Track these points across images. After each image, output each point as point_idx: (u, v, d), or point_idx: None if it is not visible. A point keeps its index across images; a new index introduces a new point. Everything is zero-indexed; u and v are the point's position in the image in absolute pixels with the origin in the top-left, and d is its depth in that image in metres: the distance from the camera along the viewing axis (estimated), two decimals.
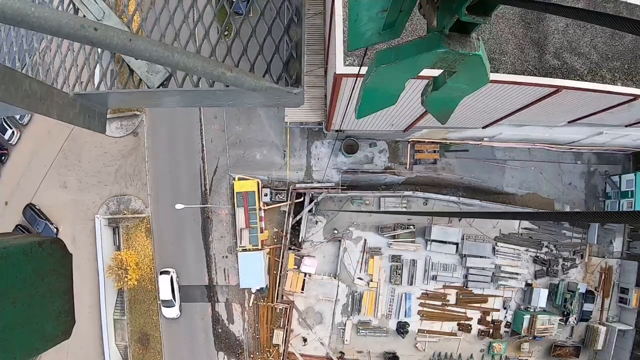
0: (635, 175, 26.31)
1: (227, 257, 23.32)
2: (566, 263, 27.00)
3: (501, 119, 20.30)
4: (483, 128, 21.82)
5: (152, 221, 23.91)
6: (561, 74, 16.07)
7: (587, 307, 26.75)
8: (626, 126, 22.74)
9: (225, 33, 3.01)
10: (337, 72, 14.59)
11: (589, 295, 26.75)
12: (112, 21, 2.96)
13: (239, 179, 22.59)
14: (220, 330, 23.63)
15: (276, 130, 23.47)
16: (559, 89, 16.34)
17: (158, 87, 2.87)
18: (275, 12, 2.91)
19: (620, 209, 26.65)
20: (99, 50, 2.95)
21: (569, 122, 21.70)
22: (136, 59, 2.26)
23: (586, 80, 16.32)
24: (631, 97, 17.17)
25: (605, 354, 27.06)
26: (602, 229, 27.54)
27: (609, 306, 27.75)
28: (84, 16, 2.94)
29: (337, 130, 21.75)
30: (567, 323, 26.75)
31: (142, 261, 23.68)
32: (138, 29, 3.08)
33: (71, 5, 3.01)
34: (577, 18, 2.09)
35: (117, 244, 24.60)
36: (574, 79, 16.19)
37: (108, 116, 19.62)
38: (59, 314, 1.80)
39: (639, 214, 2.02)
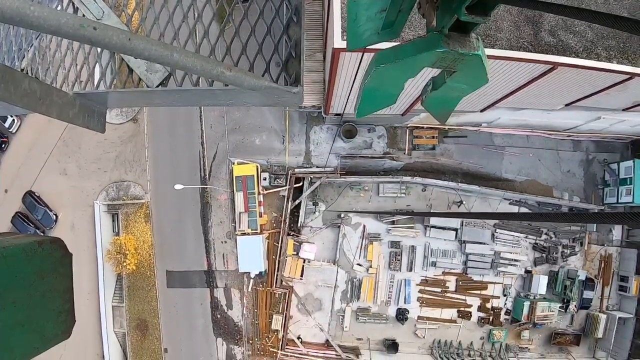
0: (634, 162, 26.38)
1: (226, 242, 23.32)
2: (566, 250, 26.97)
3: (498, 100, 20.41)
4: (481, 111, 21.93)
5: (152, 207, 23.94)
6: (556, 51, 16.20)
7: (587, 294, 26.66)
8: (623, 110, 22.83)
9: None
10: (335, 47, 14.72)
11: (589, 283, 26.66)
12: (111, 20, 2.96)
13: (238, 163, 22.66)
14: (219, 316, 23.56)
15: (275, 116, 23.59)
16: (554, 65, 16.44)
17: (157, 86, 2.87)
18: (275, 11, 2.90)
19: (620, 196, 26.71)
20: (98, 49, 2.94)
21: (566, 105, 21.80)
22: (135, 58, 2.28)
23: (581, 58, 16.46)
24: (626, 76, 17.29)
25: (605, 342, 26.92)
26: None
27: (609, 294, 27.66)
28: (84, 15, 2.95)
29: (336, 114, 21.88)
30: (568, 310, 26.63)
31: (141, 247, 23.66)
32: (137, 28, 3.06)
33: (70, 5, 3.01)
34: (578, 18, 2.10)
35: (116, 230, 24.61)
36: (570, 57, 16.33)
37: None
38: (59, 313, 1.80)
39: None
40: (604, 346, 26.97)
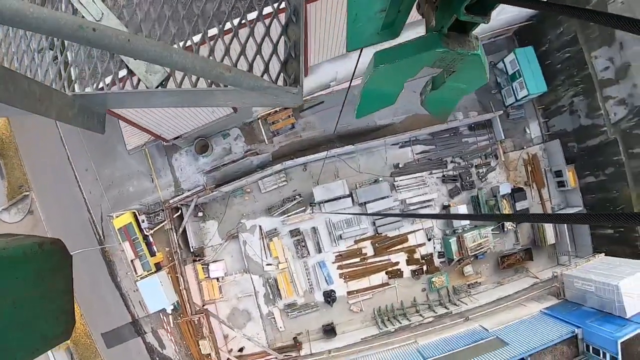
0: (514, 53, 24.14)
1: (137, 290, 24.20)
2: (481, 170, 25.08)
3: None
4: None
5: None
6: None
7: (521, 205, 24.56)
8: None
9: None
10: None
11: (518, 192, 24.58)
12: (110, 22, 2.96)
13: (116, 216, 23.55)
14: (157, 359, 24.45)
15: (137, 160, 24.31)
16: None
17: (157, 87, 2.86)
18: (274, 12, 2.88)
19: (516, 93, 24.52)
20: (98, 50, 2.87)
21: None
22: (135, 59, 2.22)
23: None
24: None
25: (563, 245, 24.63)
26: (509, 121, 25.39)
27: (550, 195, 25.29)
28: (83, 17, 2.95)
29: (175, 138, 22.17)
30: (505, 230, 24.70)
31: None
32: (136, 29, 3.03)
33: (70, 6, 3.02)
34: (578, 18, 2.07)
35: None
36: None
37: (5, 206, 20.64)
38: (59, 314, 1.78)
39: None
40: (563, 249, 24.68)
